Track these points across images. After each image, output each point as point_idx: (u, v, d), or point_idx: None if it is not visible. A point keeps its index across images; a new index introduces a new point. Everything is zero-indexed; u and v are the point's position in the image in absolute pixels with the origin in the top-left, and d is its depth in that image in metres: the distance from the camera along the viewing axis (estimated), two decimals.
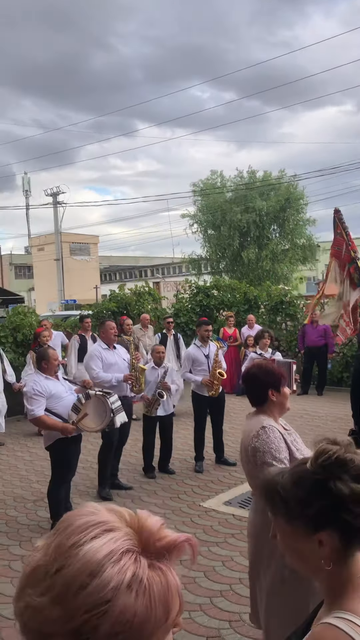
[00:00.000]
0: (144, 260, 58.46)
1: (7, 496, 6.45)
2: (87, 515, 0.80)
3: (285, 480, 1.34)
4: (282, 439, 2.86)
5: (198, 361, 7.22)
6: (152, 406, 6.82)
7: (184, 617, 3.23)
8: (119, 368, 6.42)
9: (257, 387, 3.04)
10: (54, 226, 40.18)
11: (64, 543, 0.77)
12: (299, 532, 1.30)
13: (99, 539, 0.76)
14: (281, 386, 3.03)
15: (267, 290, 14.10)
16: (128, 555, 0.76)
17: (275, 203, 30.36)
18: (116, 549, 0.75)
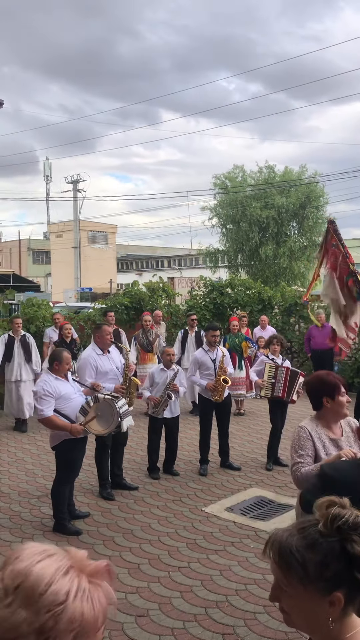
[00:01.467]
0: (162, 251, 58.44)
1: (13, 490, 6.54)
2: (30, 548, 1.00)
3: (297, 542, 1.35)
4: (309, 439, 3.40)
5: (205, 365, 7.24)
6: (160, 407, 6.86)
7: (177, 626, 3.27)
8: (112, 375, 6.35)
9: (314, 395, 3.56)
10: (73, 214, 40.32)
11: (17, 567, 0.95)
12: (312, 594, 1.32)
13: (46, 560, 0.97)
14: (337, 395, 3.47)
15: (281, 291, 14.04)
16: (72, 570, 0.97)
17: (295, 200, 30.14)
18: (62, 566, 0.97)
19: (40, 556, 0.97)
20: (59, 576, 0.95)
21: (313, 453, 3.38)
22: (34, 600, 0.91)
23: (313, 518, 1.39)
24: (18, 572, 0.94)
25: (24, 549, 0.99)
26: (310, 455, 3.36)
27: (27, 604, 0.90)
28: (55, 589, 0.93)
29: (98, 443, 6.34)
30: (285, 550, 1.35)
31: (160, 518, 5.75)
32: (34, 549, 0.99)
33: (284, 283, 17.02)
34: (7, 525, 5.55)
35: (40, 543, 1.03)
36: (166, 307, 13.03)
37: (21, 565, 0.95)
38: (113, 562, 4.72)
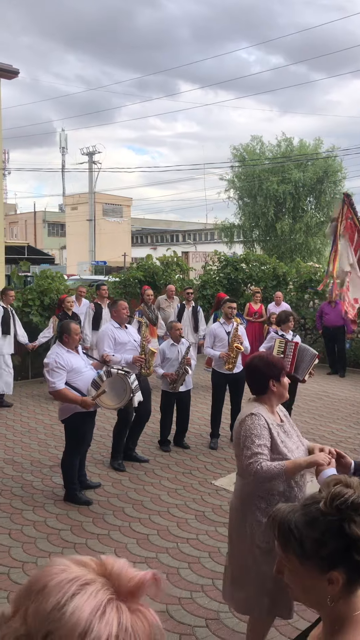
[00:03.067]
0: (177, 225, 58.07)
1: (25, 460, 6.64)
2: (58, 573, 0.80)
3: (297, 519, 1.36)
4: (266, 427, 3.02)
5: (219, 337, 7.28)
6: (178, 382, 6.88)
7: (185, 597, 3.32)
8: (130, 348, 6.41)
9: (259, 377, 3.18)
10: (88, 186, 40.10)
11: (44, 607, 0.77)
12: (311, 570, 1.33)
13: (79, 596, 0.77)
14: (281, 377, 3.19)
15: (296, 267, 13.91)
16: (110, 605, 0.78)
17: (312, 174, 29.68)
18: (98, 603, 0.77)
19: (73, 586, 0.78)
20: (96, 621, 0.76)
21: (269, 444, 2.99)
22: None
23: (320, 495, 1.39)
24: (44, 616, 0.76)
25: (51, 575, 0.80)
26: (268, 446, 2.98)
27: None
28: (94, 637, 0.75)
29: (120, 417, 6.39)
30: (284, 526, 1.36)
31: (170, 490, 5.81)
32: (64, 575, 0.80)
33: (299, 259, 16.85)
34: (19, 494, 5.65)
35: (67, 558, 0.85)
36: (180, 281, 12.99)
37: (49, 605, 0.76)
38: (122, 533, 4.81)
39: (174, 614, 3.71)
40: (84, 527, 4.97)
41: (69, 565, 0.83)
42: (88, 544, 4.65)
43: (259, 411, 3.09)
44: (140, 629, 0.80)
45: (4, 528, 4.92)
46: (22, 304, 10.52)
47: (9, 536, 4.77)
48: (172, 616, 3.69)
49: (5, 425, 8.02)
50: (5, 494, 5.65)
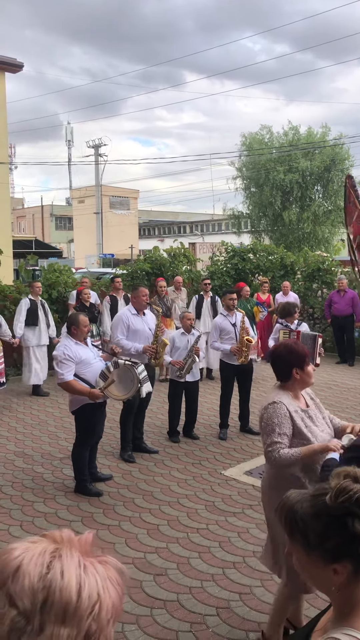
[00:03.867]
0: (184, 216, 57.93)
1: (36, 452, 6.68)
2: (24, 552, 0.84)
3: (304, 510, 1.36)
4: (287, 416, 3.13)
5: (225, 330, 7.24)
6: (185, 370, 6.89)
7: (195, 585, 3.34)
8: (143, 337, 6.42)
9: (282, 365, 3.30)
10: (95, 179, 40.06)
11: (29, 582, 0.80)
12: (315, 561, 1.33)
13: (57, 560, 0.84)
14: (305, 365, 3.28)
15: (304, 256, 13.84)
16: (85, 561, 0.87)
17: (319, 163, 29.46)
18: (76, 561, 0.85)
19: (46, 556, 0.84)
20: (83, 572, 0.84)
21: (291, 431, 3.12)
22: (71, 613, 0.80)
23: (329, 486, 1.39)
24: (34, 586, 0.79)
25: (15, 557, 0.83)
26: (288, 435, 3.10)
27: (64, 620, 0.79)
28: (88, 592, 0.83)
29: (124, 404, 6.43)
30: (290, 515, 1.37)
31: (180, 480, 5.83)
32: (31, 552, 0.84)
33: (306, 248, 16.76)
34: (30, 486, 5.69)
35: (18, 542, 0.88)
36: (187, 273, 12.97)
37: (33, 576, 0.80)
38: (133, 523, 4.85)
39: (184, 603, 3.74)
40: (95, 518, 5.00)
41: (26, 545, 0.87)
42: (99, 534, 4.68)
43: (281, 399, 3.18)
44: (113, 574, 0.90)
45: (15, 520, 4.96)
46: None
47: (20, 528, 4.81)
48: (183, 605, 3.72)
49: (15, 418, 8.08)
50: (16, 486, 5.70)
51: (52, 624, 0.78)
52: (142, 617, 3.59)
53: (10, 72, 19.66)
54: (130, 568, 4.16)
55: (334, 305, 11.65)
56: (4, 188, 19.57)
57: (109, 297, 10.34)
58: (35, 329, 9.19)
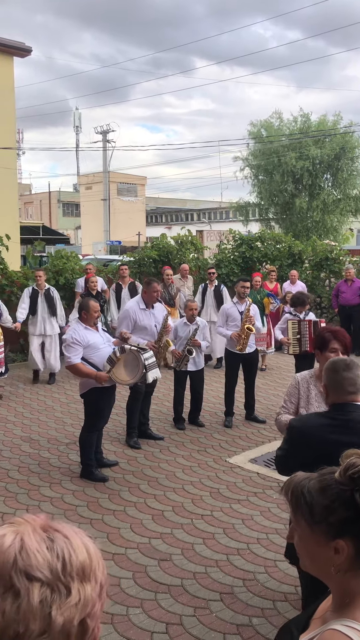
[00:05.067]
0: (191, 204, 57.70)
1: (42, 437, 6.73)
2: (12, 534, 0.84)
3: (312, 485, 1.39)
4: (296, 388, 3.61)
5: (232, 317, 7.25)
6: (182, 362, 6.89)
7: (199, 571, 3.36)
8: (150, 332, 6.40)
9: (315, 347, 3.73)
10: (102, 165, 39.92)
11: (41, 555, 0.81)
12: (318, 536, 1.36)
13: (52, 532, 0.86)
14: (325, 350, 3.56)
15: (312, 245, 13.77)
16: (50, 534, 0.87)
17: (329, 151, 29.18)
18: (41, 535, 0.85)
19: (42, 533, 0.86)
20: (81, 535, 0.89)
21: (297, 400, 3.58)
22: (88, 570, 0.85)
23: (336, 467, 1.42)
24: (48, 558, 0.82)
25: (12, 542, 0.83)
26: (294, 403, 3.58)
27: (84, 577, 0.83)
28: (92, 550, 0.88)
29: (132, 391, 6.45)
30: (297, 490, 1.40)
31: (185, 467, 5.86)
32: (21, 534, 0.85)
33: (315, 237, 16.68)
34: (36, 471, 5.73)
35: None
36: (194, 260, 12.93)
37: (43, 552, 0.83)
38: (138, 509, 4.88)
39: (188, 588, 3.77)
40: (100, 503, 5.04)
41: (6, 531, 0.86)
42: (104, 519, 4.72)
43: (300, 374, 3.68)
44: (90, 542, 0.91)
45: (21, 504, 5.01)
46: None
47: (26, 511, 4.85)
48: (187, 590, 3.75)
49: (22, 404, 8.12)
50: (22, 470, 5.74)
51: (76, 584, 0.82)
52: (147, 601, 3.63)
53: (18, 56, 19.56)
54: (135, 553, 4.20)
55: (341, 295, 11.60)
56: (11, 174, 19.54)
57: (114, 285, 10.37)
58: (33, 318, 9.09)
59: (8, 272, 10.36)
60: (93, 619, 0.83)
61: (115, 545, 4.31)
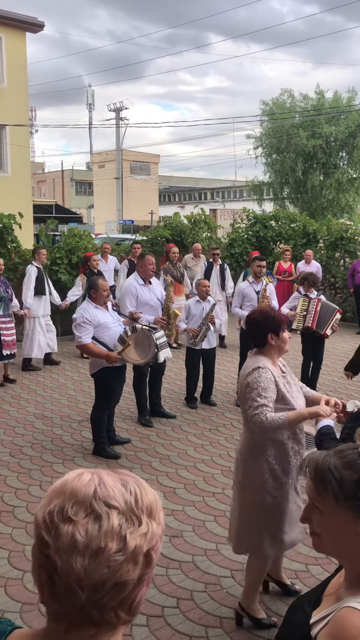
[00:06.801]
0: (205, 182, 57.19)
1: (55, 415, 6.78)
2: (90, 473, 0.97)
3: (335, 462, 1.38)
4: (272, 380, 3.14)
5: (248, 297, 7.22)
6: (200, 338, 6.88)
7: (210, 547, 3.38)
8: (152, 307, 6.34)
9: (258, 331, 3.31)
10: (115, 143, 39.62)
11: (117, 489, 0.94)
12: (346, 513, 1.34)
13: (124, 476, 0.98)
14: (281, 331, 3.28)
15: (327, 224, 13.61)
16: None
17: (344, 129, 28.66)
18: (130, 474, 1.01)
19: (116, 475, 0.98)
20: (142, 481, 1.00)
21: (275, 396, 3.11)
22: (155, 510, 0.96)
23: (353, 444, 1.42)
24: (123, 493, 0.94)
25: (91, 478, 0.95)
26: (273, 399, 3.10)
27: (151, 515, 0.95)
28: (156, 495, 0.99)
29: (135, 372, 6.47)
30: (322, 467, 1.38)
31: (197, 445, 5.88)
32: (99, 473, 0.97)
33: (330, 216, 16.48)
34: (49, 448, 5.79)
35: (74, 471, 0.99)
36: (207, 240, 12.85)
37: (119, 487, 0.95)
38: (150, 486, 4.93)
39: (199, 565, 3.80)
40: None
41: (83, 470, 0.99)
42: None
43: (266, 364, 3.19)
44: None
45: (34, 480, 5.06)
46: (51, 262, 10.56)
47: (39, 487, 4.91)
48: (197, 566, 3.78)
49: (35, 382, 8.18)
50: (36, 447, 5.80)
51: (145, 518, 0.93)
52: (158, 577, 3.66)
53: (30, 31, 19.34)
54: None
55: (357, 275, 11.48)
56: (24, 151, 19.46)
57: (127, 261, 10.32)
58: (42, 298, 8.76)
59: (21, 251, 10.37)
60: (156, 553, 0.95)
61: None
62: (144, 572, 0.92)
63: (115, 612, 0.90)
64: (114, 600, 0.89)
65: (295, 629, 1.48)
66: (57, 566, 0.88)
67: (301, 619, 1.46)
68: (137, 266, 6.55)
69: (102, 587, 0.87)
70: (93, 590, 0.87)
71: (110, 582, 0.87)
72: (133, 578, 0.89)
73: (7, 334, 7.89)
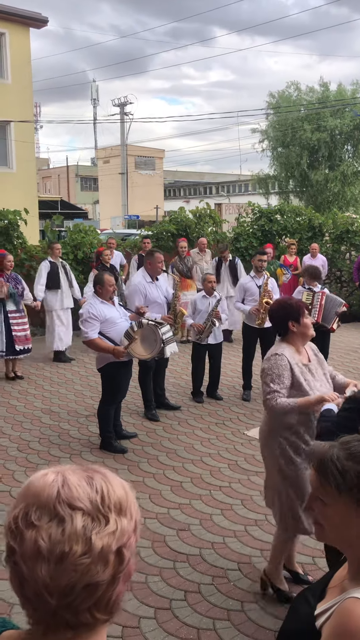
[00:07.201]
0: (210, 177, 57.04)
1: (62, 409, 6.81)
2: (54, 472, 0.95)
3: (338, 453, 1.40)
4: (287, 367, 3.26)
5: (250, 291, 7.20)
6: (205, 334, 6.88)
7: (217, 541, 3.39)
8: (159, 304, 6.36)
9: (279, 320, 3.44)
10: (120, 138, 39.53)
11: (82, 489, 0.91)
12: (347, 503, 1.36)
13: (91, 472, 0.96)
14: (301, 317, 3.37)
15: (333, 217, 13.56)
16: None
17: (349, 121, 28.49)
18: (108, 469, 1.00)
19: (83, 472, 0.95)
20: (114, 475, 0.98)
21: (290, 382, 3.25)
22: (125, 505, 0.94)
23: (358, 436, 1.44)
24: (88, 492, 0.91)
25: (55, 478, 0.92)
26: (287, 385, 3.24)
27: (121, 511, 0.92)
28: (128, 488, 0.98)
29: (141, 366, 6.48)
30: (325, 457, 1.40)
31: (203, 439, 5.90)
32: (63, 472, 0.94)
33: (335, 209, 16.41)
34: (56, 442, 5.82)
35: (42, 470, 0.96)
36: (213, 234, 12.83)
37: (84, 487, 0.91)
38: (157, 480, 4.92)
39: (207, 558, 3.82)
40: (120, 474, 5.06)
41: (49, 470, 0.97)
42: None
43: (284, 352, 3.31)
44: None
45: None
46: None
47: None
48: (205, 559, 3.80)
49: (42, 377, 8.22)
50: (43, 442, 5.83)
51: (113, 515, 0.90)
52: (165, 570, 3.69)
53: (34, 27, 19.32)
54: (154, 523, 4.26)
55: None
56: (29, 147, 19.47)
57: (137, 256, 10.32)
58: (57, 292, 8.89)
59: (27, 247, 10.39)
60: (129, 549, 0.92)
61: None
62: (117, 571, 0.89)
63: (91, 613, 0.88)
64: (87, 602, 0.87)
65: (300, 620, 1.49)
66: (24, 573, 0.86)
67: (306, 611, 1.47)
68: (146, 263, 6.56)
69: (71, 591, 0.85)
70: (62, 595, 0.85)
71: (79, 585, 0.85)
72: (104, 578, 0.87)
73: (19, 329, 7.96)
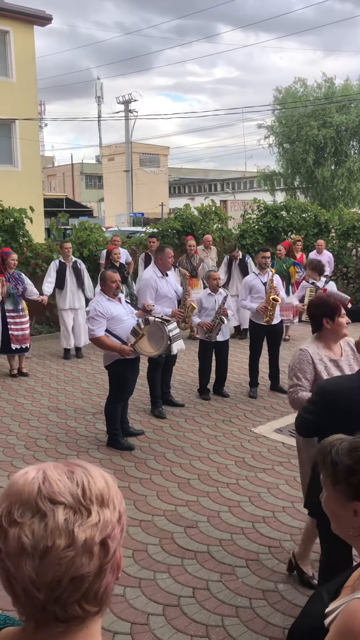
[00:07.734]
0: (214, 174, 56.97)
1: (69, 407, 6.82)
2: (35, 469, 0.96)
3: (342, 446, 1.44)
4: (310, 363, 3.42)
5: (255, 289, 7.18)
6: (214, 332, 6.87)
7: (225, 538, 3.38)
8: (170, 299, 6.39)
9: (315, 315, 3.56)
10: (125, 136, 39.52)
11: (63, 484, 0.92)
12: (340, 496, 1.39)
13: (72, 466, 0.96)
14: (336, 316, 3.47)
15: (339, 213, 13.50)
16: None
17: (355, 117, 28.37)
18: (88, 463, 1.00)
19: (64, 467, 0.96)
20: (100, 469, 0.98)
21: (312, 377, 3.42)
22: (107, 497, 0.94)
23: None
24: (69, 486, 0.92)
25: (36, 475, 0.94)
26: (309, 380, 3.42)
27: (103, 503, 0.93)
28: (110, 481, 0.97)
29: (150, 363, 6.49)
30: (325, 449, 1.45)
31: (210, 437, 5.89)
32: (44, 469, 0.95)
33: (341, 205, 16.34)
34: (64, 440, 5.83)
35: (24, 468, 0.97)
36: (218, 231, 12.80)
37: (65, 481, 0.92)
38: (164, 477, 4.92)
39: (215, 555, 3.82)
40: (127, 471, 5.11)
41: (30, 467, 0.98)
42: (131, 487, 4.79)
43: (308, 347, 3.49)
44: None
45: None
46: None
47: None
48: (213, 556, 3.80)
49: (49, 375, 8.23)
50: (50, 439, 5.84)
51: (95, 507, 0.91)
52: (173, 567, 3.69)
53: (38, 25, 19.31)
54: (161, 520, 4.26)
55: None
56: (34, 145, 19.48)
57: (144, 255, 10.30)
58: (62, 292, 8.96)
59: (32, 245, 10.40)
60: (113, 540, 0.92)
61: (142, 512, 4.37)
62: (103, 562, 0.89)
63: (80, 606, 0.89)
64: (75, 594, 0.87)
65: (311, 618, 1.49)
66: (11, 571, 0.87)
67: (318, 608, 1.47)
68: (157, 258, 6.55)
69: (58, 585, 0.86)
70: (49, 589, 0.86)
71: (66, 579, 0.86)
72: (90, 570, 0.88)
73: (16, 328, 7.97)
